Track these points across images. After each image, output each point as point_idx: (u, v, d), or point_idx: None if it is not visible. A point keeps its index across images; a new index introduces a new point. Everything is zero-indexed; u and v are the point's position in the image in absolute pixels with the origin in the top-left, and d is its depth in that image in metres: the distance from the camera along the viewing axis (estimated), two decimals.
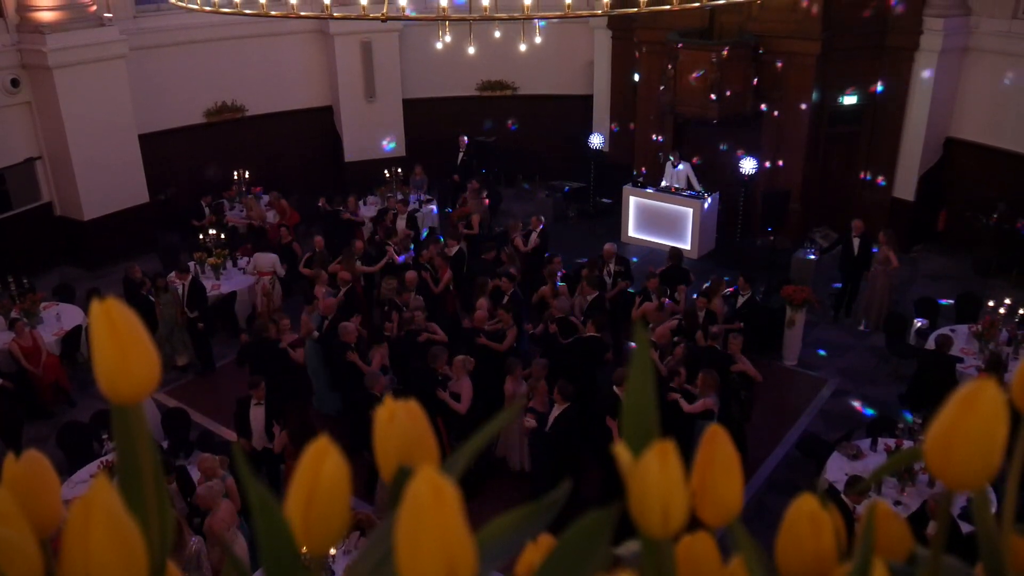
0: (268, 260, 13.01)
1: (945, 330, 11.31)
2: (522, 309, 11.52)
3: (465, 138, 17.68)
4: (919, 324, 11.89)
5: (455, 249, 12.87)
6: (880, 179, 15.49)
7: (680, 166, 15.17)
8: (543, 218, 14.14)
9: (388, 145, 18.24)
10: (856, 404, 11.28)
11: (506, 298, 11.25)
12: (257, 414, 9.13)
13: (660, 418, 0.75)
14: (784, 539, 0.82)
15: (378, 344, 10.01)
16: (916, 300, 12.67)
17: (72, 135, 14.42)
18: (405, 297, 11.22)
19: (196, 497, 7.57)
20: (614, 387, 9.00)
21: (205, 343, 12.09)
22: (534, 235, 13.46)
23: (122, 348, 0.71)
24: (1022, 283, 13.68)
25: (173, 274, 12.00)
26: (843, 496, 7.70)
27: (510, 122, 18.62)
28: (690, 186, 15.13)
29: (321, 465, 0.69)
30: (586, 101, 18.42)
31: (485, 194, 15.54)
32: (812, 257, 13.86)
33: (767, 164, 15.22)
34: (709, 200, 15.13)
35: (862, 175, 15.65)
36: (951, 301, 12.65)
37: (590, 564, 0.70)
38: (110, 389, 0.72)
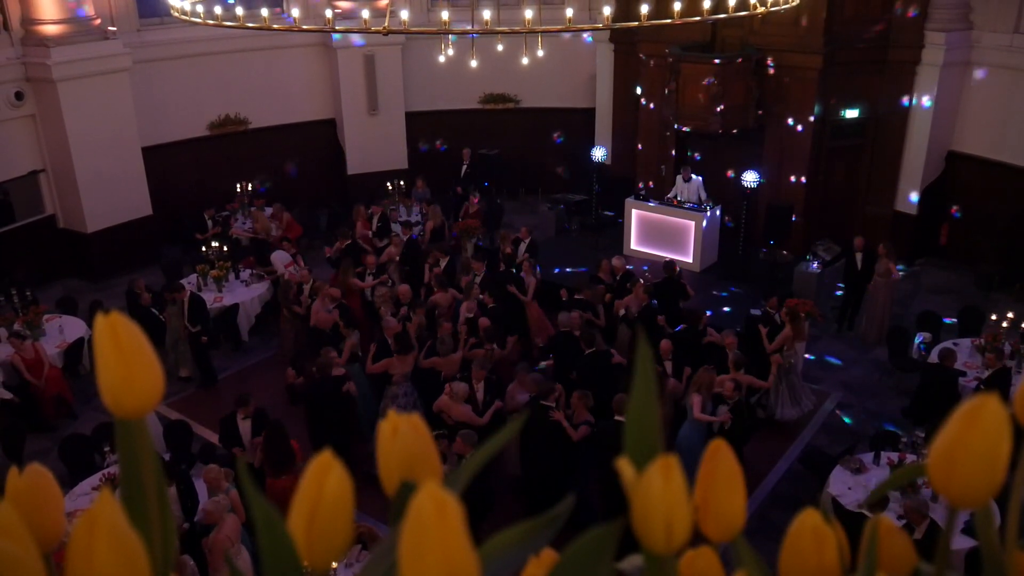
0: (285, 256, 13.42)
1: (948, 344, 11.29)
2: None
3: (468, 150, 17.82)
4: (921, 338, 11.88)
5: (445, 262, 13.01)
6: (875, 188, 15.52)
7: (692, 180, 15.19)
8: (532, 229, 14.38)
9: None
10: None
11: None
12: (245, 428, 9.24)
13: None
14: (787, 554, 0.82)
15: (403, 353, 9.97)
16: (918, 314, 12.66)
17: (76, 148, 14.47)
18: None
19: (203, 513, 7.56)
20: (615, 416, 8.90)
21: (205, 357, 12.02)
22: (522, 245, 13.66)
23: (126, 362, 0.72)
24: None
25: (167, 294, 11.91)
26: (863, 511, 7.68)
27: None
28: (699, 200, 15.13)
29: (325, 479, 0.69)
30: (588, 114, 18.46)
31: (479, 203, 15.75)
32: (815, 270, 13.85)
33: (770, 177, 15.23)
34: (711, 213, 15.13)
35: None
36: (954, 320, 12.65)
37: None
38: (114, 403, 0.73)
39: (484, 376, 9.61)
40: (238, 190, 16.26)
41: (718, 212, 15.33)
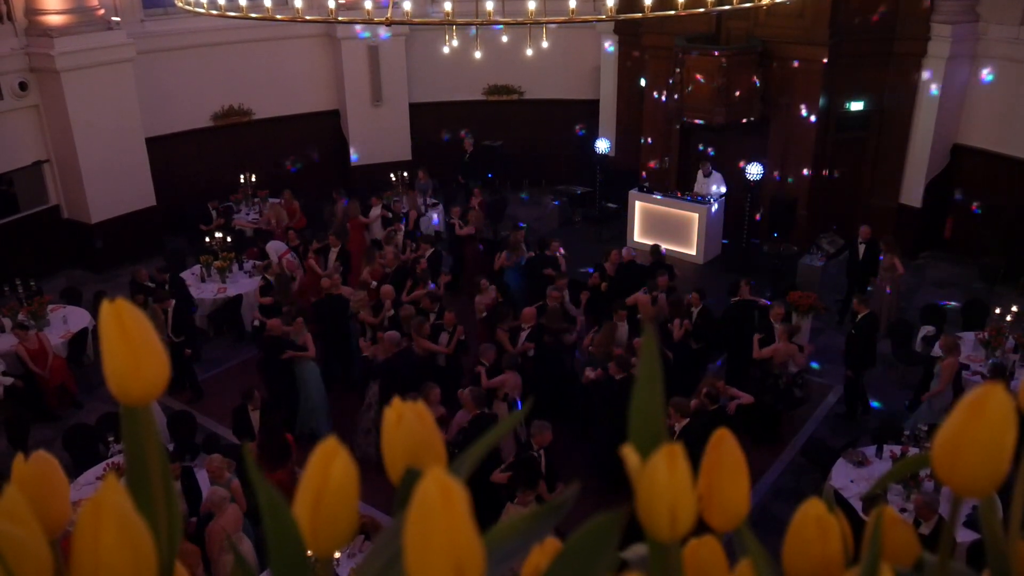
0: (280, 245, 13.40)
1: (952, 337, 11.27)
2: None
3: (471, 140, 17.83)
4: (925, 331, 11.86)
5: (429, 251, 13.08)
6: (880, 180, 15.49)
7: (712, 175, 15.18)
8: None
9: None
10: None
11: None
12: (255, 419, 9.27)
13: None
14: (791, 543, 0.82)
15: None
16: (922, 307, 12.63)
17: (79, 138, 14.47)
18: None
19: (204, 502, 7.60)
20: None
21: (190, 370, 11.59)
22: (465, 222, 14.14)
23: (132, 349, 0.72)
24: None
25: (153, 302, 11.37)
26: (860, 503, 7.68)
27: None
28: (718, 194, 15.14)
29: (330, 466, 0.69)
30: (592, 106, 18.43)
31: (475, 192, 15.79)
32: (818, 263, 13.82)
33: (774, 169, 15.20)
34: (712, 205, 15.11)
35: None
36: (955, 303, 12.64)
37: (597, 567, 0.70)
38: (120, 390, 0.73)
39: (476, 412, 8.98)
40: (241, 181, 16.26)
41: (722, 204, 15.31)
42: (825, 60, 14.30)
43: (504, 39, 13.69)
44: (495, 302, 11.34)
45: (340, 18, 8.36)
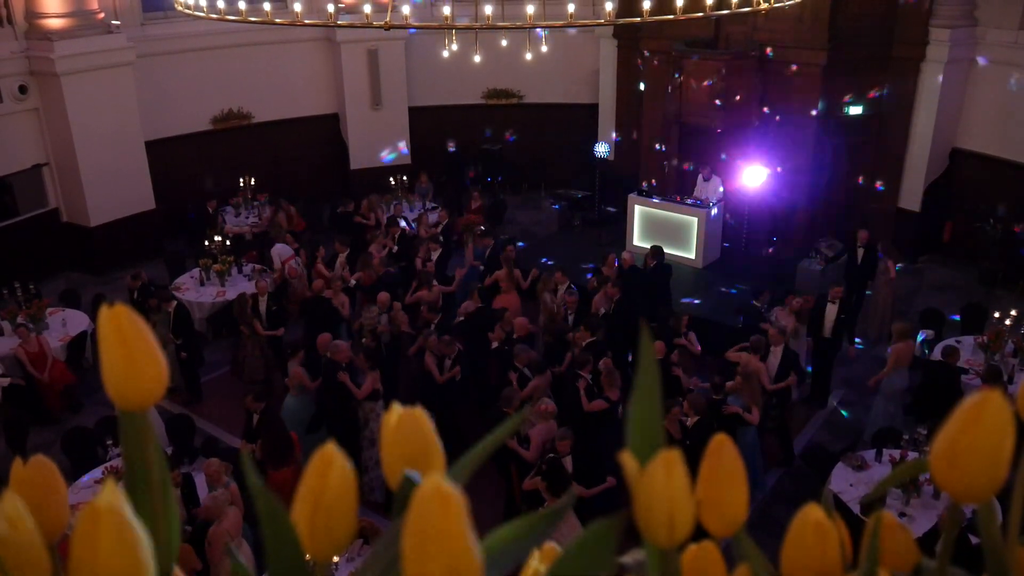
0: (287, 249, 13.41)
1: (951, 341, 11.28)
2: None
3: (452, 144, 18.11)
4: (924, 335, 11.86)
5: (437, 254, 13.28)
6: (879, 184, 15.50)
7: (711, 179, 15.18)
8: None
9: (388, 156, 18.30)
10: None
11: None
12: (255, 421, 9.24)
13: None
14: (789, 548, 0.82)
15: (371, 370, 9.60)
16: (921, 311, 12.63)
17: (79, 141, 14.47)
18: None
19: (203, 508, 7.58)
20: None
21: (192, 371, 11.60)
22: (435, 216, 14.78)
23: (130, 354, 0.72)
24: None
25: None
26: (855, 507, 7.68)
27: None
28: (717, 198, 15.15)
29: (328, 471, 0.69)
30: (592, 110, 18.44)
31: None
32: (817, 268, 13.82)
33: (773, 173, 15.18)
34: (714, 209, 15.10)
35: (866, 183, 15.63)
36: (956, 315, 12.62)
37: (595, 573, 0.70)
38: (118, 395, 0.73)
39: None
40: (241, 184, 16.26)
41: (721, 208, 15.30)
42: (824, 64, 14.31)
43: (503, 43, 13.69)
44: (477, 310, 11.30)
45: (339, 22, 8.37)
